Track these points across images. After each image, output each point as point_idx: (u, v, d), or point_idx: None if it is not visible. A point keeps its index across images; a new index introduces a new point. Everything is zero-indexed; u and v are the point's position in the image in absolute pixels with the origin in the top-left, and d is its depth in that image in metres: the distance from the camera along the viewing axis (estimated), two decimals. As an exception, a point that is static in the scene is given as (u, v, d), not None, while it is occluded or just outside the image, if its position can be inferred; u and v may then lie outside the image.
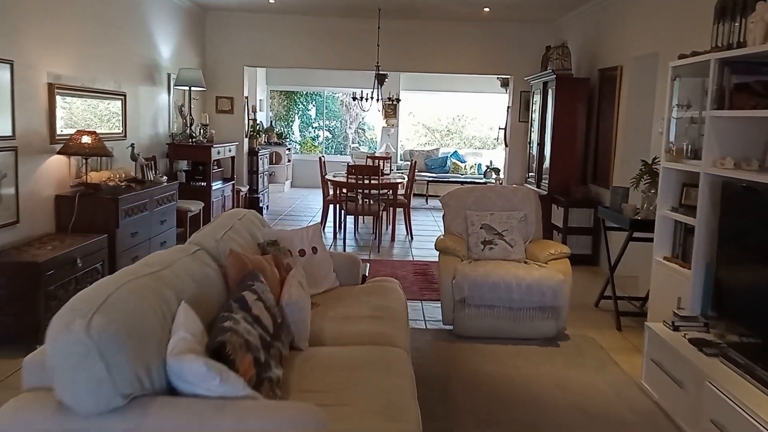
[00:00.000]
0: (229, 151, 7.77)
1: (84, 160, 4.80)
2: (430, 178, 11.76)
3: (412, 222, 8.45)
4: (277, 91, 14.14)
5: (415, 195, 11.58)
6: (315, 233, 3.61)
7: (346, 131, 16.05)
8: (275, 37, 8.53)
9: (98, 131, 5.36)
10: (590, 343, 4.21)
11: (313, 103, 15.17)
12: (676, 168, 3.84)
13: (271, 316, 2.40)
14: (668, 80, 3.97)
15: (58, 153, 4.66)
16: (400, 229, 8.15)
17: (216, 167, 7.53)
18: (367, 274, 4.05)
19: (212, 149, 6.94)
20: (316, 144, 14.86)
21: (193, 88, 7.09)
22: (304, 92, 14.69)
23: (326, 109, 15.66)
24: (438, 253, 4.47)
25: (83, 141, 4.65)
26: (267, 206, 9.73)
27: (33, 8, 4.37)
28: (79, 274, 4.10)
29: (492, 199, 4.76)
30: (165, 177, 5.94)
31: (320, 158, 7.91)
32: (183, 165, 7.40)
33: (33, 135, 4.43)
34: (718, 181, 3.39)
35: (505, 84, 10.88)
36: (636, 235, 4.64)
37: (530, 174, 7.96)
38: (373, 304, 3.29)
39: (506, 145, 8.96)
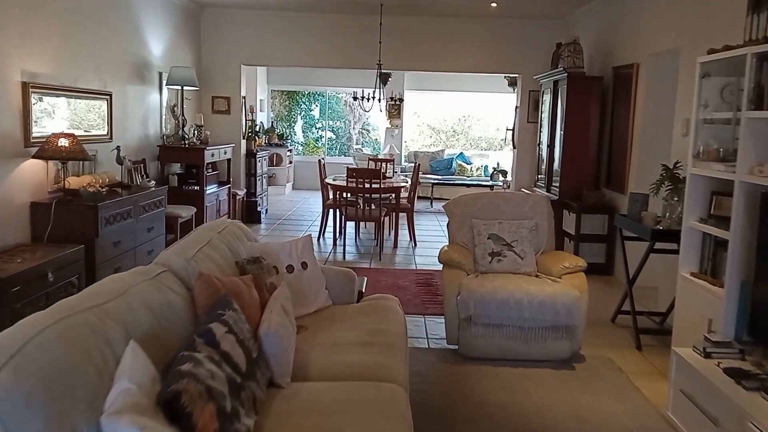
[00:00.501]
0: (225, 153, 7.44)
1: (62, 165, 4.48)
2: (435, 181, 11.40)
3: (416, 227, 8.09)
4: (278, 90, 13.82)
5: (419, 198, 11.24)
6: (305, 246, 3.27)
7: (350, 132, 15.73)
8: (274, 34, 8.20)
9: (81, 133, 5.06)
10: (608, 366, 3.85)
11: (316, 103, 14.84)
12: (705, 175, 3.48)
13: (245, 351, 2.06)
14: (696, 77, 3.60)
15: (34, 157, 4.33)
16: (404, 234, 7.80)
17: (210, 170, 7.20)
18: (364, 290, 3.70)
19: (205, 151, 6.62)
20: (319, 145, 14.52)
21: (185, 88, 6.76)
22: (307, 92, 14.36)
23: (329, 109, 15.33)
24: (441, 265, 4.12)
25: (60, 144, 4.33)
26: (266, 210, 9.40)
27: (5, 0, 4.05)
28: (50, 289, 3.77)
29: (500, 206, 4.40)
30: (153, 181, 5.61)
31: (319, 160, 7.57)
32: (175, 168, 7.08)
33: (5, 138, 4.10)
34: (755, 190, 3.02)
35: (513, 83, 10.52)
36: (657, 246, 4.27)
37: (540, 177, 7.59)
38: (369, 326, 2.94)
39: (514, 147, 8.59)
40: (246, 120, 8.50)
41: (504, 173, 10.98)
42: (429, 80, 12.47)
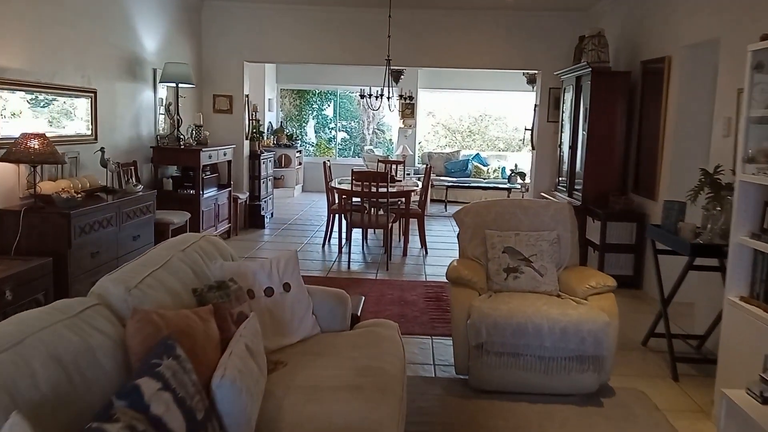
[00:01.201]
0: (224, 154, 7.03)
1: (32, 168, 4.07)
2: (450, 183, 10.90)
3: (428, 233, 7.62)
4: (287, 89, 13.41)
5: (433, 201, 10.77)
6: (289, 264, 2.81)
7: (363, 132, 15.30)
8: (278, 30, 7.77)
9: (61, 134, 4.66)
10: (641, 401, 3.34)
11: (329, 102, 14.40)
12: (758, 182, 2.96)
13: (185, 412, 1.60)
14: (746, 69, 3.09)
15: (0, 160, 3.93)
16: (414, 241, 7.33)
17: (209, 173, 6.79)
18: (360, 313, 3.24)
19: (201, 153, 6.20)
20: (331, 146, 14.09)
21: (180, 85, 6.35)
22: (318, 91, 13.94)
23: (342, 108, 14.91)
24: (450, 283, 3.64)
25: (30, 145, 3.92)
26: (271, 214, 8.98)
27: (-35, -13, 3.66)
28: (8, 309, 3.35)
29: (517, 215, 3.91)
30: (140, 186, 5.20)
31: (324, 163, 7.12)
32: (172, 171, 6.67)
33: (-34, 138, 3.71)
34: (826, 202, 2.50)
35: (532, 80, 10.00)
36: (696, 262, 3.76)
37: (561, 179, 7.07)
38: (359, 363, 2.48)
39: (533, 148, 8.08)
40: (249, 120, 8.08)
41: (522, 175, 10.45)
42: (443, 78, 11.97)
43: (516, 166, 10.95)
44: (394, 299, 5.06)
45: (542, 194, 7.37)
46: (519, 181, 10.59)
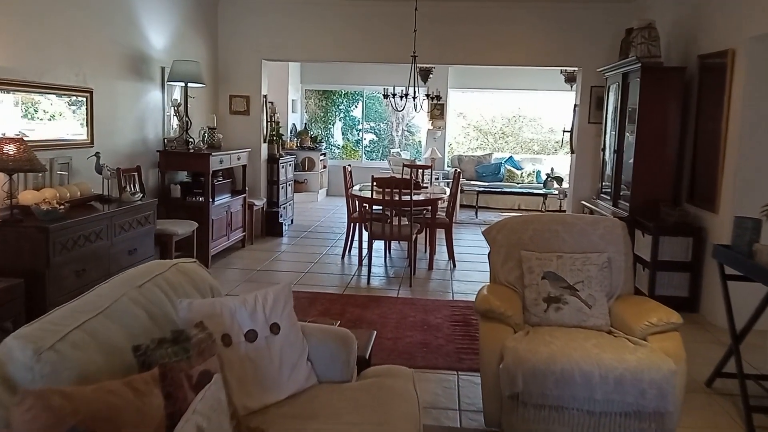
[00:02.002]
0: (238, 158, 6.56)
1: (8, 177, 3.64)
2: (481, 188, 10.28)
3: (457, 243, 7.05)
4: (312, 90, 12.95)
5: (462, 207, 10.18)
6: (279, 300, 2.29)
7: (392, 134, 14.78)
8: (297, 26, 7.28)
9: (46, 137, 4.24)
10: (714, 466, 2.72)
11: (356, 103, 13.90)
12: None
13: None
14: None
15: (-27, 167, 3.51)
16: (442, 252, 6.76)
17: (221, 178, 6.34)
18: (370, 352, 2.70)
19: (211, 158, 5.74)
20: (357, 149, 13.58)
21: (190, 85, 5.90)
22: (345, 92, 13.45)
23: (370, 109, 14.41)
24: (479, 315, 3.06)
25: (5, 152, 3.49)
26: (291, 221, 8.50)
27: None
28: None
29: (559, 234, 3.32)
30: (139, 194, 4.76)
31: (344, 168, 6.60)
32: (182, 177, 6.24)
33: (-69, 143, 3.29)
34: None
35: (571, 79, 9.33)
36: None
37: (604, 186, 6.41)
38: (362, 429, 1.93)
39: (572, 151, 7.43)
40: (267, 121, 7.62)
41: (559, 180, 9.77)
42: (475, 77, 11.36)
43: (552, 170, 10.28)
44: (416, 323, 4.50)
45: (583, 203, 6.72)
46: (555, 186, 9.92)
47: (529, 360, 2.67)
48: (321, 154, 11.32)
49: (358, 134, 13.91)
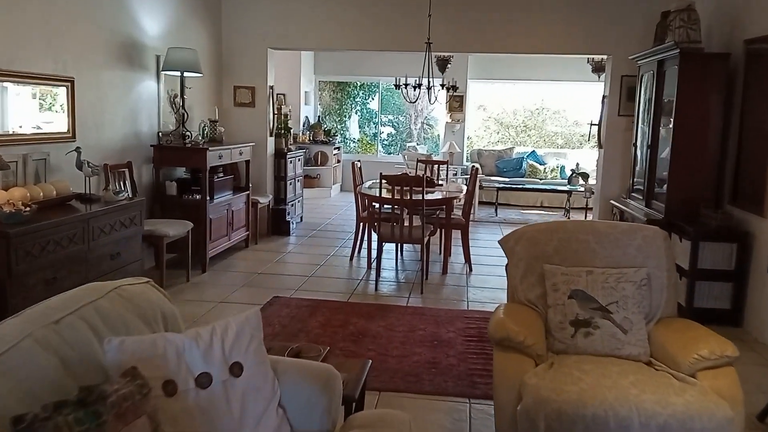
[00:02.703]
0: (240, 153, 6.16)
1: (-32, 175, 3.27)
2: (501, 185, 9.76)
3: (475, 244, 6.59)
4: (328, 81, 12.52)
5: (481, 203, 9.69)
6: (243, 333, 1.85)
7: (410, 127, 14.31)
8: (305, 13, 6.84)
9: (17, 131, 3.86)
10: None
11: (373, 95, 13.43)
12: None
13: None
14: None
15: (-73, 164, 3.15)
16: (457, 254, 6.30)
17: (222, 174, 5.94)
18: (358, 394, 2.26)
19: (209, 153, 5.33)
20: (373, 142, 13.12)
21: (186, 74, 5.50)
22: (361, 83, 12.99)
23: (388, 102, 13.94)
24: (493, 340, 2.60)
25: (-38, 146, 3.12)
26: (300, 218, 8.10)
27: None
28: None
29: (589, 244, 2.84)
30: (125, 192, 4.37)
31: (353, 163, 6.16)
32: (180, 173, 5.86)
33: None
34: None
35: (598, 68, 8.77)
36: None
37: (635, 184, 5.89)
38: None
39: (600, 146, 6.89)
40: (273, 114, 7.20)
41: (585, 176, 9.22)
42: (495, 67, 10.84)
43: (577, 165, 9.72)
44: (425, 337, 4.05)
45: (612, 202, 6.20)
46: (581, 182, 9.37)
47: (553, 401, 2.21)
48: (335, 148, 10.89)
49: (376, 127, 13.45)
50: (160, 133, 5.48)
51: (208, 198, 5.40)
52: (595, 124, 7.03)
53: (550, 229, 2.92)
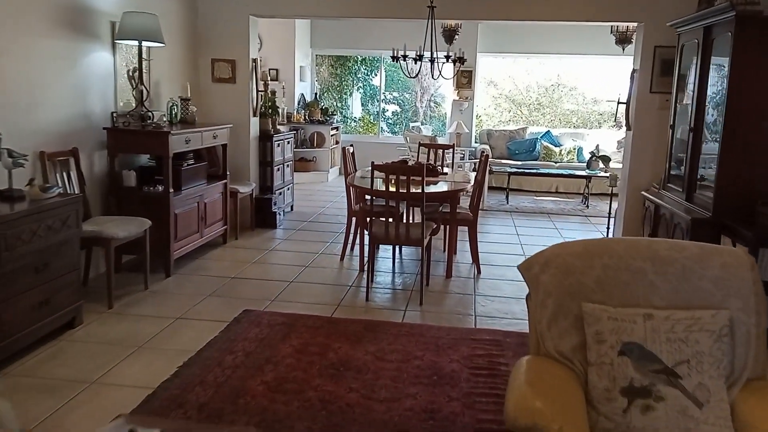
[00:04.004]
0: (214, 137, 5.35)
1: None
2: (513, 169, 8.91)
3: (483, 238, 5.80)
4: (327, 56, 11.64)
5: (491, 189, 8.85)
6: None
7: (416, 105, 13.45)
8: (292, -28, 5.98)
9: None
10: None
11: (376, 71, 12.52)
12: None
13: None
14: None
15: None
16: (464, 251, 5.52)
17: (193, 161, 5.15)
18: None
19: (172, 137, 4.53)
20: (375, 122, 12.26)
21: (145, 44, 4.67)
22: (362, 58, 12.10)
23: (392, 78, 13.07)
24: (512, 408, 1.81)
25: None
26: (291, 207, 7.32)
27: None
28: None
29: (647, 275, 2.04)
30: (57, 188, 3.58)
31: (344, 149, 5.33)
32: (142, 160, 5.06)
33: None
34: None
35: (623, 39, 7.83)
36: None
37: (673, 173, 5.05)
38: None
39: (628, 128, 6.03)
40: (258, 91, 6.37)
41: (606, 160, 8.35)
42: (507, 39, 9.93)
43: (597, 147, 8.84)
44: (423, 370, 3.28)
45: (644, 194, 5.36)
46: (601, 166, 8.51)
47: None
48: (333, 128, 10.05)
49: (380, 105, 12.58)
50: (115, 115, 4.67)
51: (171, 190, 4.61)
52: (622, 102, 6.15)
53: (589, 252, 2.12)
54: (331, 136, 9.99)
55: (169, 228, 4.60)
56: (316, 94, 10.57)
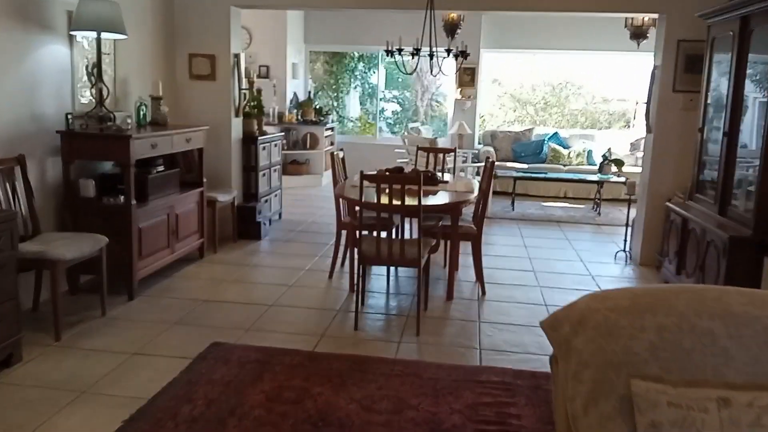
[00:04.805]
0: (187, 140, 4.79)
1: None
2: (519, 173, 8.34)
3: (487, 249, 5.27)
4: (322, 52, 11.09)
5: (495, 194, 8.28)
6: None
7: (417, 104, 12.91)
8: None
9: None
10: None
11: (375, 69, 11.96)
12: None
13: None
14: None
15: None
16: (466, 267, 4.98)
17: (162, 168, 4.61)
18: None
19: (134, 141, 3.98)
20: (373, 122, 11.70)
21: (105, 36, 4.12)
22: (359, 54, 11.55)
23: (392, 75, 12.52)
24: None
25: None
26: (279, 215, 6.77)
27: None
28: None
29: (718, 340, 1.49)
30: (-14, 204, 3.04)
31: (333, 154, 4.77)
32: (105, 167, 4.51)
33: None
34: None
35: (638, 34, 7.27)
36: None
37: (702, 182, 4.50)
38: None
39: (648, 130, 5.48)
40: (240, 89, 5.82)
41: (619, 164, 7.79)
42: (512, 34, 9.36)
43: (609, 150, 8.28)
44: (417, 423, 2.72)
45: (669, 205, 4.80)
46: (614, 170, 7.95)
47: None
48: (327, 129, 9.49)
49: (379, 104, 12.02)
50: (70, 116, 4.12)
51: (134, 201, 4.06)
52: (643, 103, 5.59)
53: (639, 307, 1.56)
54: (326, 137, 9.44)
55: (131, 245, 4.05)
56: (309, 92, 10.01)
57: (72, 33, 4.09)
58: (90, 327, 3.67)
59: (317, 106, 9.60)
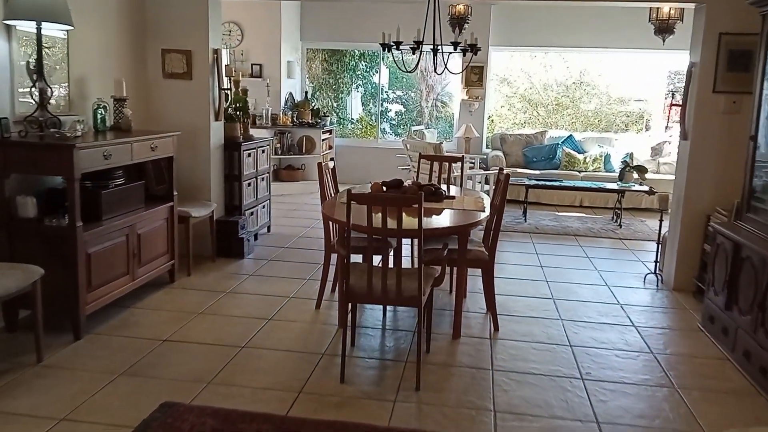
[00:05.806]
0: (152, 148, 4.14)
1: None
2: (533, 181, 7.65)
3: (500, 270, 4.60)
4: (319, 50, 10.45)
5: (507, 202, 7.58)
6: None
7: (421, 105, 12.28)
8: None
9: None
10: None
11: (377, 67, 11.32)
12: None
13: None
14: None
15: None
16: (475, 297, 4.31)
17: (124, 180, 3.96)
18: None
19: (78, 151, 3.33)
20: (375, 123, 11.05)
21: (47, 26, 3.47)
22: (360, 52, 10.90)
23: (395, 74, 11.91)
24: None
25: None
26: (267, 228, 6.13)
27: None
28: None
29: None
30: None
31: (320, 165, 4.09)
32: (52, 182, 3.86)
33: None
34: None
35: (664, 29, 6.58)
36: None
37: (755, 200, 3.80)
38: None
39: (684, 136, 4.79)
40: (221, 89, 5.17)
41: (642, 171, 7.10)
42: (523, 31, 8.70)
43: (630, 156, 7.58)
44: None
45: (714, 225, 4.11)
46: (635, 178, 7.26)
47: None
48: (325, 132, 8.84)
49: (382, 105, 11.37)
50: (6, 122, 3.46)
51: (80, 223, 3.40)
52: (677, 105, 4.91)
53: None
54: (323, 140, 8.79)
55: (77, 274, 3.40)
56: (306, 92, 9.35)
57: (6, 22, 3.44)
58: (19, 379, 3.01)
59: (315, 107, 8.95)
